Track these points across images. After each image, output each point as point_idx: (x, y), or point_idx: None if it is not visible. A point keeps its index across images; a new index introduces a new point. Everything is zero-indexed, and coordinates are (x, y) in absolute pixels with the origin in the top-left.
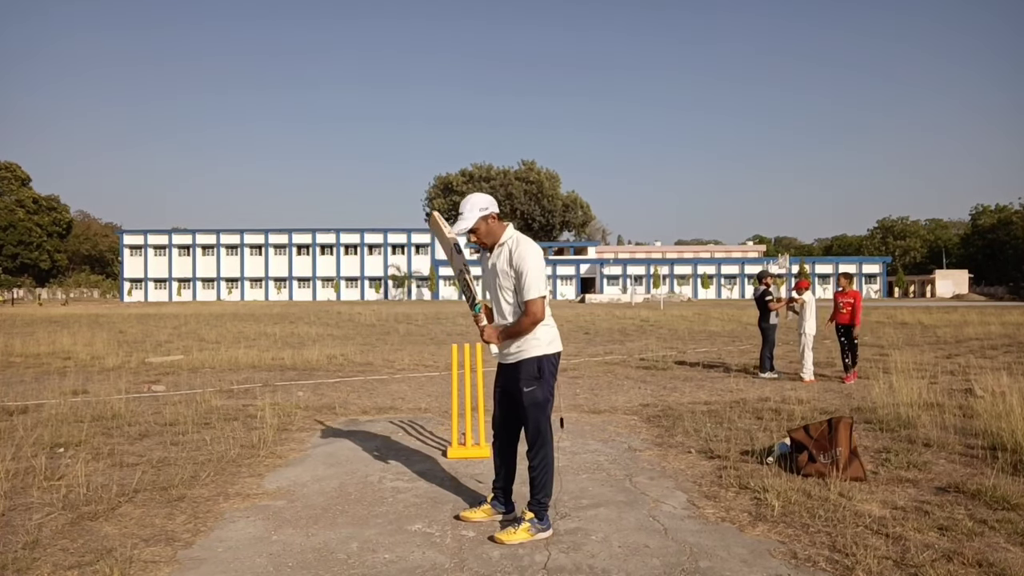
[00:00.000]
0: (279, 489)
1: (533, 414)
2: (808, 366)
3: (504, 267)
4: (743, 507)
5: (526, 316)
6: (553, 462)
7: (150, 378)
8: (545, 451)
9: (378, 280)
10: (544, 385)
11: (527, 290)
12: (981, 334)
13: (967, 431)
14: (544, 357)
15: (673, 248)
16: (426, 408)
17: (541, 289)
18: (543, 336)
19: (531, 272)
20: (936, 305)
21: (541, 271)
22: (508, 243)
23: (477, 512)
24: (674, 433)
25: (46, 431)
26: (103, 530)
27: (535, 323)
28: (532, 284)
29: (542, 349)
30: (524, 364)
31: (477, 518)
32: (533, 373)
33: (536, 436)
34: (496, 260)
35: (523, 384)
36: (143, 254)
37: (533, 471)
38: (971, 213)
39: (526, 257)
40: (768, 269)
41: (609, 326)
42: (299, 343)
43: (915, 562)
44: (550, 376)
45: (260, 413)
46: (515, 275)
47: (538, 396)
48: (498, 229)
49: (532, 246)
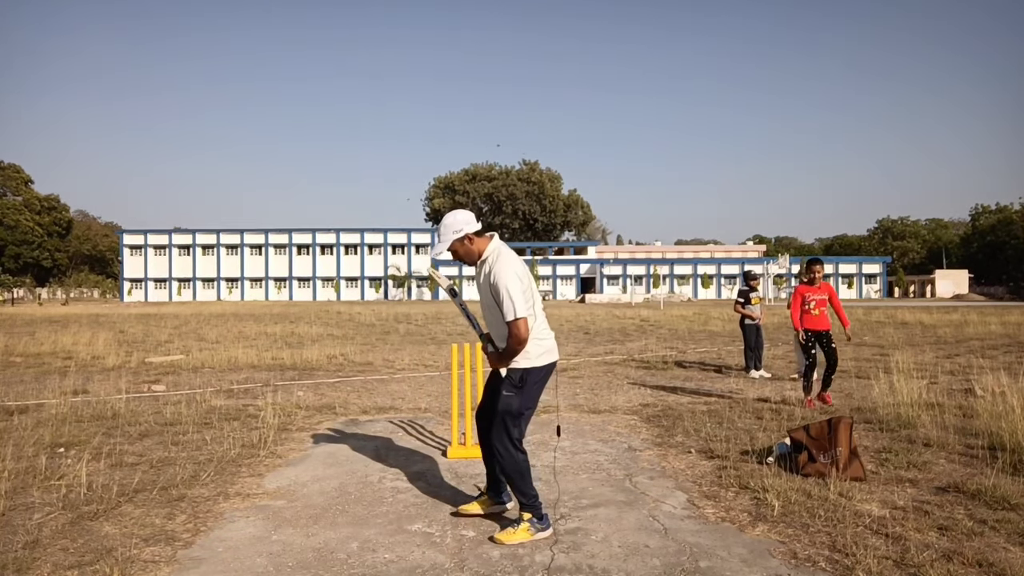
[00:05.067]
0: (279, 489)
1: (502, 419)
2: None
3: (485, 284)
4: (743, 507)
5: (510, 338)
6: (521, 465)
7: (150, 378)
8: (511, 456)
9: (378, 280)
10: (524, 396)
11: (506, 312)
12: (981, 334)
13: (967, 431)
14: (530, 369)
15: (673, 248)
16: (426, 408)
17: (520, 310)
18: (533, 350)
19: (507, 293)
20: (936, 305)
21: (518, 289)
22: (489, 259)
23: (473, 505)
24: (674, 433)
25: (46, 431)
26: (103, 530)
27: (520, 343)
28: (509, 306)
29: (530, 362)
30: (510, 371)
31: (473, 511)
32: (515, 382)
33: (496, 441)
34: (482, 276)
35: (504, 388)
36: (143, 254)
37: (504, 474)
38: (971, 213)
39: (500, 276)
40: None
41: (609, 326)
42: (299, 343)
43: (915, 562)
44: (532, 387)
45: (260, 413)
46: (493, 295)
47: (513, 405)
48: (480, 245)
49: (508, 264)
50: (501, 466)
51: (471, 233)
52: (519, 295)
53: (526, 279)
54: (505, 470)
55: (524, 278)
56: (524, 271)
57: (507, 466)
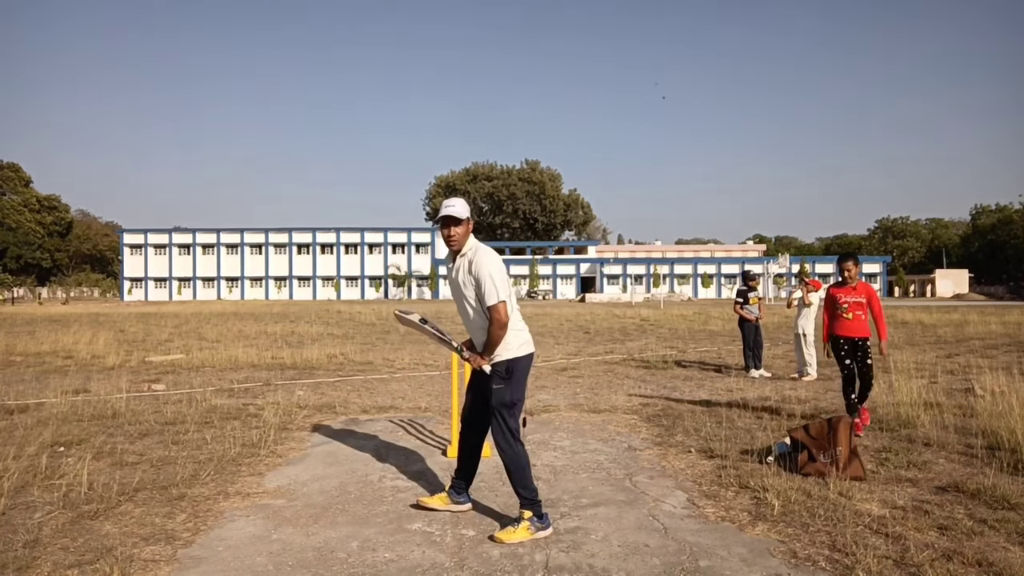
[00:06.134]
0: (279, 488)
1: (499, 413)
2: (813, 363)
3: (464, 277)
4: (743, 506)
5: (492, 323)
6: (522, 458)
7: (150, 377)
8: (512, 449)
9: (378, 279)
10: (513, 386)
11: (487, 295)
12: (981, 333)
13: (967, 431)
14: (514, 360)
15: (673, 248)
16: (426, 407)
17: (501, 294)
18: (513, 341)
19: (488, 278)
20: (936, 305)
21: (500, 276)
22: (468, 253)
23: (433, 499)
24: (674, 432)
25: (47, 430)
26: (103, 529)
27: (503, 326)
28: (490, 289)
29: (512, 352)
30: (495, 366)
31: (433, 504)
32: (502, 374)
33: (497, 435)
34: (458, 271)
35: (493, 382)
36: (143, 253)
37: (506, 468)
38: (971, 213)
39: (483, 264)
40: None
41: (609, 325)
42: (299, 342)
43: (915, 561)
44: (520, 377)
45: (260, 412)
46: (475, 283)
47: (505, 397)
48: (468, 236)
49: (489, 254)
50: (504, 461)
51: (472, 222)
52: (501, 281)
53: (504, 272)
54: (508, 464)
55: (503, 270)
56: (503, 266)
57: (510, 460)
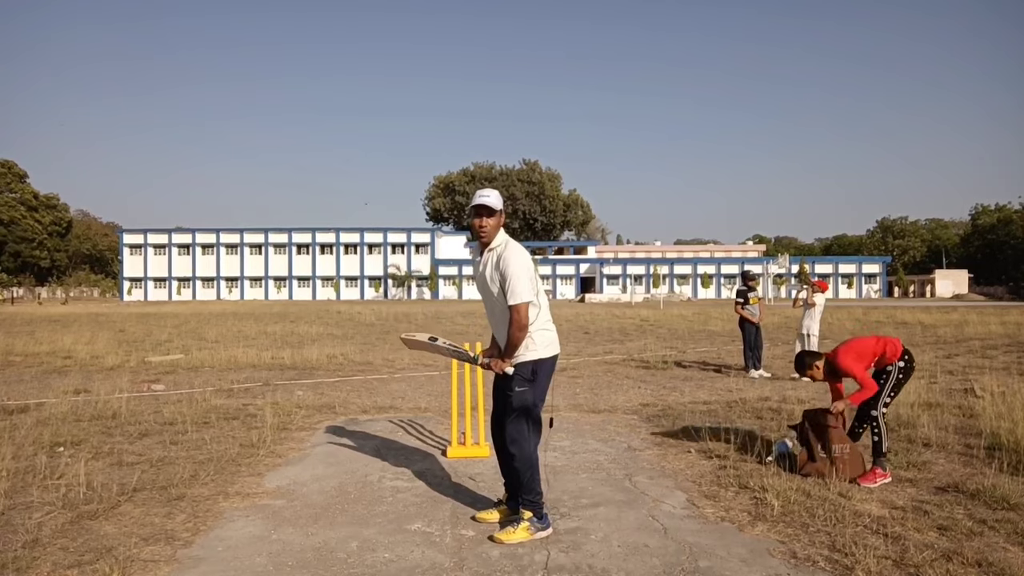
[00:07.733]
0: (279, 488)
1: (518, 415)
2: None
3: (491, 272)
4: (743, 507)
5: (511, 324)
6: (534, 461)
7: (150, 377)
8: (523, 451)
9: (378, 279)
10: (536, 388)
11: (511, 294)
12: (981, 334)
13: (967, 431)
14: (539, 361)
15: (673, 248)
16: (426, 407)
17: (525, 295)
18: (539, 340)
19: (515, 276)
20: (936, 305)
21: (527, 276)
22: (497, 248)
23: (492, 513)
24: (674, 433)
25: (46, 430)
26: (103, 529)
27: (522, 329)
28: (515, 289)
29: (538, 353)
30: (519, 367)
31: (491, 519)
32: (527, 375)
33: (516, 435)
34: (485, 265)
35: (516, 384)
36: (143, 253)
37: (516, 470)
38: (971, 213)
39: (511, 262)
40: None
41: (609, 325)
42: (299, 342)
43: (914, 562)
44: (544, 379)
45: (260, 412)
46: (500, 279)
47: (527, 399)
48: (499, 230)
49: (519, 251)
50: (515, 463)
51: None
52: (527, 281)
53: (532, 270)
54: (519, 466)
55: (531, 269)
56: (531, 263)
57: (522, 462)
